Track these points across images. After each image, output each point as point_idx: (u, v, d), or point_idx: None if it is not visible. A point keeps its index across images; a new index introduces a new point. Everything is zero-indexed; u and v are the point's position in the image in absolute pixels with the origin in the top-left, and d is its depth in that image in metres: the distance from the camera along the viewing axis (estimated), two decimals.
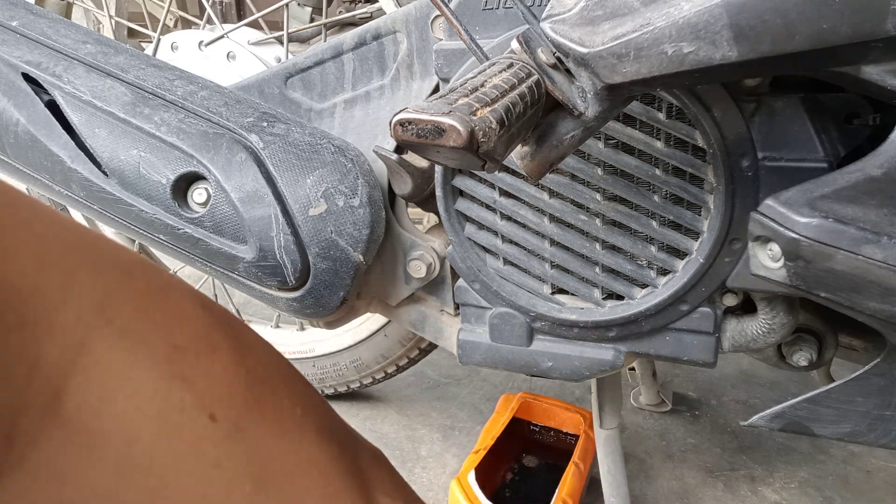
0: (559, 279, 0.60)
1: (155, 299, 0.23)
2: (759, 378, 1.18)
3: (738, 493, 0.91)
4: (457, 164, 0.37)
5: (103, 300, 0.21)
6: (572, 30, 0.39)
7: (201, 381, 0.22)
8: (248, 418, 0.23)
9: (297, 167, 0.61)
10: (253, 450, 0.23)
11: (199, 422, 0.22)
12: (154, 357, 0.22)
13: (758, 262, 0.45)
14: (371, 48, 0.66)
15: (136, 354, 0.21)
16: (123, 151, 0.62)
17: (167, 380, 0.21)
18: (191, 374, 0.22)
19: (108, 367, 0.21)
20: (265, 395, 0.24)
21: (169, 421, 0.21)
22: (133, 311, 0.22)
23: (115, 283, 0.22)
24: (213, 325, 0.24)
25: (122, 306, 0.22)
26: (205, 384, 0.22)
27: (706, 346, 0.57)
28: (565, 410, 0.94)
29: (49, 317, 0.20)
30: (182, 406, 0.22)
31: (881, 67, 0.35)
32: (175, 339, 0.22)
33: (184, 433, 0.22)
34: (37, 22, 0.68)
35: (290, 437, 0.24)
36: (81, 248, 0.22)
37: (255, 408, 0.24)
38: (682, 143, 0.51)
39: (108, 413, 0.20)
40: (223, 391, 0.23)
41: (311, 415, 0.26)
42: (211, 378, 0.23)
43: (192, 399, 0.22)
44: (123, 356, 0.21)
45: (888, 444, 0.49)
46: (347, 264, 0.61)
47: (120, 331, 0.21)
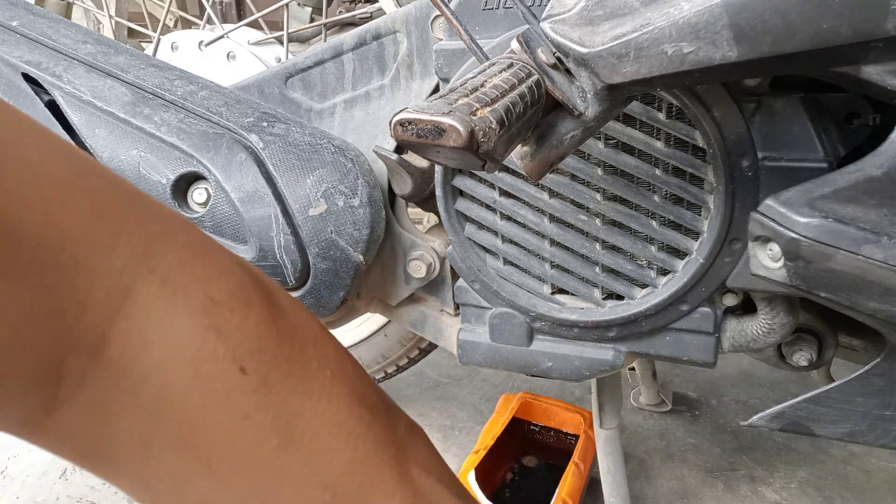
0: (559, 279, 0.60)
1: (195, 253, 0.24)
2: (759, 378, 1.18)
3: (738, 493, 0.92)
4: (457, 164, 0.37)
5: (148, 250, 0.22)
6: (572, 30, 0.39)
7: (234, 334, 0.23)
8: (277, 374, 0.24)
9: (297, 167, 0.61)
10: (280, 405, 0.24)
11: (230, 372, 0.23)
12: (191, 307, 0.22)
13: (758, 262, 0.45)
14: (371, 48, 0.66)
15: (175, 304, 0.22)
16: (123, 151, 0.62)
17: (202, 330, 0.22)
18: (225, 327, 0.23)
19: (149, 314, 0.22)
20: (294, 353, 0.25)
21: (202, 369, 0.22)
22: (174, 263, 0.23)
23: (159, 234, 0.23)
24: (248, 282, 0.25)
25: (164, 257, 0.22)
26: (237, 337, 0.23)
27: (706, 346, 0.57)
28: (565, 410, 0.94)
29: (99, 261, 0.21)
30: (215, 356, 0.22)
31: (881, 67, 0.35)
32: (212, 293, 0.23)
33: (215, 382, 0.22)
34: (37, 22, 0.68)
35: (317, 397, 0.25)
36: (129, 200, 0.23)
37: (284, 365, 0.24)
38: (682, 143, 0.51)
39: (147, 358, 0.21)
40: (254, 345, 0.23)
41: (342, 379, 0.26)
42: (243, 332, 0.23)
43: (224, 350, 0.23)
44: (164, 304, 0.22)
45: (888, 444, 0.49)
46: (347, 264, 0.61)
47: (162, 280, 0.22)
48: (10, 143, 0.20)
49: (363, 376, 0.28)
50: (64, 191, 0.21)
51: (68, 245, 0.20)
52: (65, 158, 0.21)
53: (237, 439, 0.23)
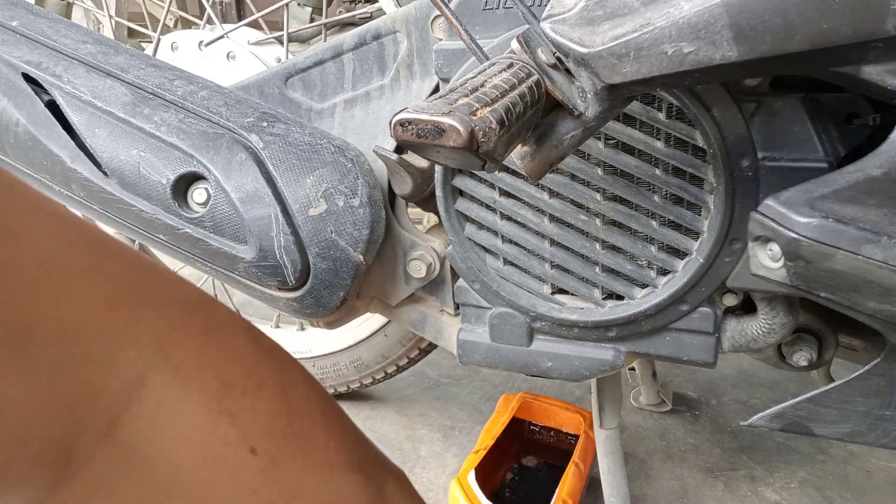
0: (559, 279, 0.60)
1: (211, 337, 0.25)
2: (759, 378, 1.18)
3: (738, 493, 0.92)
4: (457, 164, 0.37)
5: (163, 338, 0.23)
6: (572, 30, 0.39)
7: (246, 417, 0.24)
8: (286, 452, 0.25)
9: (297, 167, 0.61)
10: (287, 480, 0.25)
11: (240, 454, 0.24)
12: (205, 393, 0.23)
13: (758, 262, 0.45)
14: (371, 48, 0.66)
15: (188, 390, 0.23)
16: (123, 151, 0.62)
17: (215, 415, 0.23)
18: (237, 410, 0.24)
19: (163, 400, 0.22)
20: (303, 429, 0.26)
21: (213, 452, 0.23)
22: (190, 349, 0.24)
23: (175, 320, 0.24)
24: (261, 362, 0.26)
25: (180, 343, 0.23)
26: (249, 420, 0.24)
27: (706, 346, 0.57)
28: (565, 410, 0.94)
29: (113, 354, 0.21)
30: (226, 440, 0.23)
31: (881, 67, 0.35)
32: (225, 377, 0.24)
33: (225, 464, 0.23)
34: (37, 22, 0.68)
35: (321, 469, 0.26)
36: (146, 285, 0.24)
37: (293, 442, 0.25)
38: (682, 143, 0.51)
39: (159, 441, 0.22)
40: (265, 426, 0.25)
41: (343, 447, 0.28)
42: (255, 414, 0.25)
43: (235, 433, 0.24)
44: (177, 391, 0.23)
45: (888, 444, 0.49)
46: (347, 264, 0.61)
47: (176, 367, 0.23)
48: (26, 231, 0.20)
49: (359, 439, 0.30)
50: (79, 282, 0.21)
51: (83, 339, 0.21)
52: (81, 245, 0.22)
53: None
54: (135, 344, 0.22)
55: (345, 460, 0.27)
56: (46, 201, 0.22)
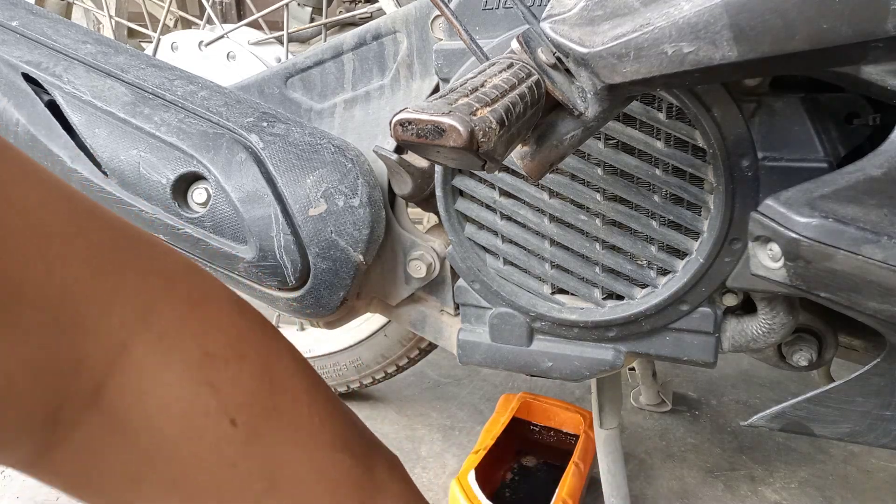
0: (559, 279, 0.60)
1: (194, 307, 0.25)
2: (759, 378, 1.18)
3: (738, 493, 0.92)
4: (457, 164, 0.37)
5: (146, 306, 0.23)
6: (572, 30, 0.39)
7: (227, 388, 0.24)
8: (267, 425, 0.25)
9: (297, 167, 0.61)
10: (268, 454, 0.25)
11: (220, 425, 0.24)
12: (186, 362, 0.23)
13: (758, 262, 0.45)
14: (371, 48, 0.66)
15: (170, 359, 0.23)
16: (123, 151, 0.62)
17: (195, 385, 0.23)
18: (218, 381, 0.24)
19: (145, 368, 0.23)
20: (286, 403, 0.26)
21: (193, 422, 0.23)
22: (172, 318, 0.24)
23: (158, 289, 0.24)
24: (245, 333, 0.26)
25: (162, 312, 0.23)
26: (229, 391, 0.24)
27: (706, 346, 0.57)
28: (565, 410, 0.94)
29: (97, 320, 0.21)
30: (206, 410, 0.23)
31: (881, 67, 0.35)
32: (208, 347, 0.24)
33: (205, 434, 0.23)
34: (37, 22, 0.68)
35: (304, 445, 0.26)
36: (131, 253, 0.23)
37: (274, 415, 0.25)
38: (682, 143, 0.51)
39: (141, 408, 0.22)
40: (246, 398, 0.25)
41: (328, 425, 0.27)
42: (236, 385, 0.24)
43: (216, 405, 0.24)
44: (159, 360, 0.23)
45: (888, 444, 0.49)
46: (347, 264, 0.61)
47: (158, 336, 0.23)
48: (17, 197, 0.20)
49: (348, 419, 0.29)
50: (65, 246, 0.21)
51: (67, 303, 0.21)
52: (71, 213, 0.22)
53: (224, 484, 0.24)
54: (118, 310, 0.22)
55: (330, 438, 0.27)
56: (37, 169, 0.22)
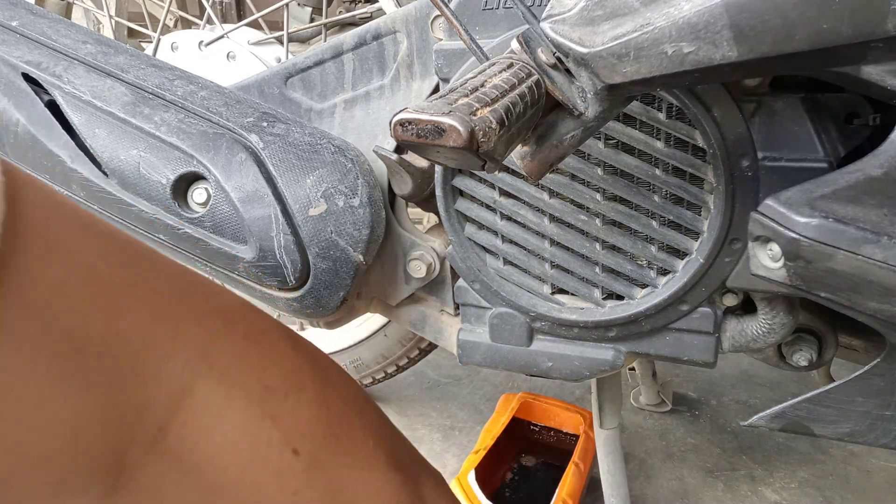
0: (559, 279, 0.60)
1: (252, 343, 0.26)
2: (759, 378, 1.18)
3: (738, 493, 0.92)
4: (457, 164, 0.37)
5: (207, 347, 0.24)
6: (572, 30, 0.39)
7: (288, 419, 0.25)
8: (326, 452, 0.26)
9: (297, 167, 0.61)
10: (328, 480, 0.26)
11: (283, 456, 0.25)
12: (248, 398, 0.24)
13: (758, 262, 0.45)
14: (371, 48, 0.66)
15: (232, 396, 0.24)
16: (123, 151, 0.62)
17: (258, 419, 0.24)
18: (279, 413, 0.25)
19: (208, 407, 0.23)
20: (343, 429, 0.27)
21: (257, 454, 0.24)
22: (232, 356, 0.24)
23: (217, 329, 0.25)
24: (301, 365, 0.27)
25: (223, 351, 0.24)
26: (290, 422, 0.25)
27: (706, 346, 0.57)
28: (565, 410, 0.94)
29: (158, 366, 0.22)
30: (269, 442, 0.24)
31: (881, 67, 0.35)
32: (267, 381, 0.25)
33: (269, 465, 0.24)
34: (37, 22, 0.68)
35: (361, 467, 0.27)
36: (189, 297, 0.25)
37: (333, 442, 0.26)
38: (682, 143, 0.51)
39: (205, 446, 0.23)
40: (306, 428, 0.26)
41: (381, 446, 0.28)
42: (296, 416, 0.25)
43: (278, 436, 0.25)
44: (221, 397, 0.24)
45: (888, 444, 0.49)
46: (347, 264, 0.61)
47: (220, 375, 0.24)
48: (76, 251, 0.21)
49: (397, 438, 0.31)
50: (126, 297, 0.22)
51: (129, 352, 0.21)
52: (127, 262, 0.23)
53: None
54: (180, 354, 0.23)
55: (384, 459, 0.28)
56: (95, 221, 0.23)
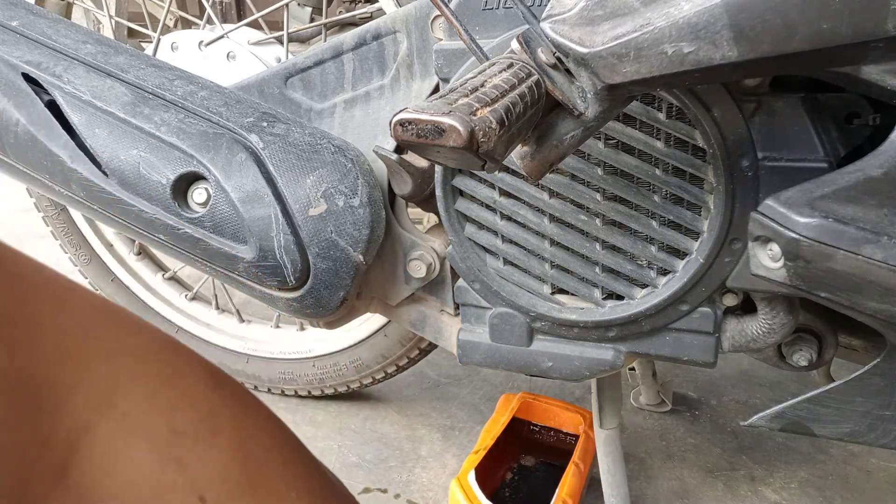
0: (559, 279, 0.60)
1: (163, 384, 0.25)
2: (759, 378, 1.18)
3: (738, 493, 0.91)
4: (457, 164, 0.37)
5: (111, 387, 0.23)
6: (572, 30, 0.39)
7: (196, 465, 0.24)
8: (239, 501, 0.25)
9: (297, 167, 0.61)
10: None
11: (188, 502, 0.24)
12: (152, 440, 0.24)
13: (758, 262, 0.45)
14: (371, 48, 0.66)
15: (135, 437, 0.23)
16: (123, 151, 0.62)
17: (162, 462, 0.24)
18: (186, 458, 0.24)
19: (109, 446, 0.23)
20: (260, 479, 0.26)
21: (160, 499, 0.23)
22: (139, 397, 0.24)
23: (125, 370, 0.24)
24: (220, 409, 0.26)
25: (129, 391, 0.24)
26: (199, 468, 0.24)
27: (706, 346, 0.57)
28: (565, 410, 0.94)
29: (60, 402, 0.22)
30: (174, 487, 0.24)
31: (881, 67, 0.35)
32: (176, 424, 0.24)
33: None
34: (37, 22, 0.68)
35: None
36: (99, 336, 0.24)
37: (248, 492, 0.25)
38: (682, 143, 0.51)
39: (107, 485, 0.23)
40: (217, 475, 0.25)
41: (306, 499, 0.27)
42: (206, 462, 0.25)
43: (183, 482, 0.24)
44: (124, 438, 0.23)
45: (888, 444, 0.49)
46: (347, 264, 0.61)
47: (122, 415, 0.23)
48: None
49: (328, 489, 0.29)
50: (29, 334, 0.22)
51: (31, 388, 0.21)
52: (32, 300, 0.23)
53: None
54: (82, 391, 0.23)
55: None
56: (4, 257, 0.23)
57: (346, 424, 1.08)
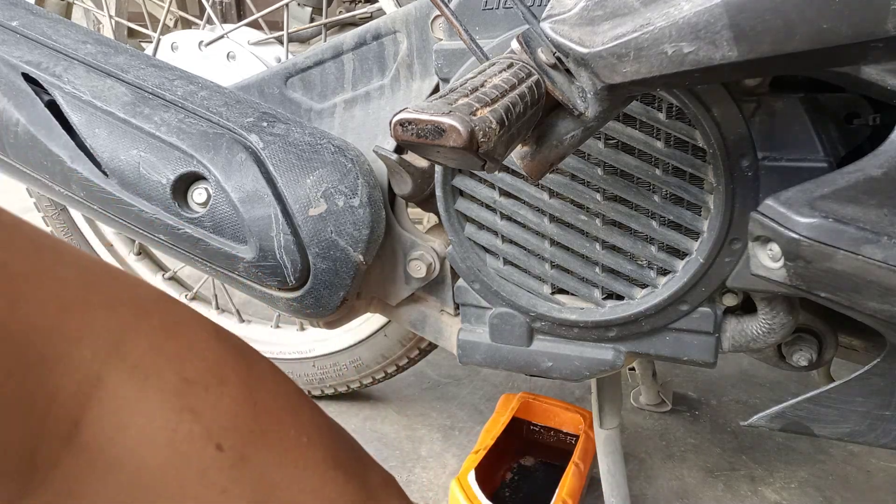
0: (559, 279, 0.60)
1: (169, 335, 0.24)
2: (759, 378, 1.18)
3: (738, 493, 0.91)
4: (457, 164, 0.37)
5: (118, 337, 0.23)
6: (572, 30, 0.39)
7: (209, 413, 0.24)
8: (254, 448, 0.25)
9: (297, 167, 0.61)
10: (258, 478, 0.24)
11: (206, 451, 0.23)
12: (165, 390, 0.23)
13: (758, 262, 0.45)
14: (371, 48, 0.66)
15: (147, 388, 0.23)
16: (123, 151, 0.62)
17: (176, 412, 0.23)
18: (199, 406, 0.24)
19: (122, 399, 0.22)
20: (271, 425, 0.26)
21: (177, 450, 0.23)
22: (146, 347, 0.23)
23: (130, 320, 0.23)
24: (225, 358, 0.26)
25: (136, 342, 0.23)
26: (212, 416, 0.24)
27: (706, 346, 0.57)
28: (565, 410, 0.94)
29: (67, 353, 0.21)
30: (190, 436, 0.23)
31: (881, 67, 0.35)
32: (186, 373, 0.24)
33: (191, 461, 0.23)
34: (37, 22, 0.68)
35: (294, 466, 0.26)
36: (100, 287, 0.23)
37: (261, 438, 0.25)
38: (682, 143, 0.51)
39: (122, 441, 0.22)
40: (230, 422, 0.24)
41: (318, 444, 0.27)
42: (218, 410, 0.24)
43: (199, 430, 0.23)
44: (136, 389, 0.23)
45: (888, 444, 0.49)
46: (347, 264, 0.61)
47: (133, 366, 0.23)
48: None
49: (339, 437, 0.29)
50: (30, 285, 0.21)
51: (35, 339, 0.20)
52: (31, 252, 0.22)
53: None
54: (89, 344, 0.22)
55: (321, 457, 0.27)
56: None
57: (346, 424, 1.07)
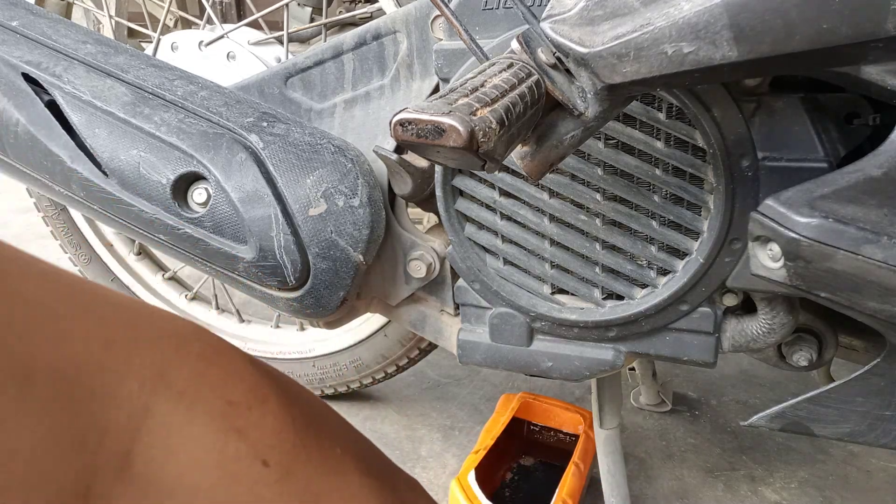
0: (559, 279, 0.60)
1: (209, 362, 0.26)
2: (759, 378, 1.18)
3: (738, 493, 0.91)
4: (457, 164, 0.37)
5: (162, 368, 0.24)
6: (572, 30, 0.39)
7: (254, 432, 0.25)
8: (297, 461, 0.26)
9: (297, 167, 0.61)
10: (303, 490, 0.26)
11: (253, 468, 0.24)
12: (210, 413, 0.24)
13: (758, 262, 0.45)
14: (371, 48, 0.66)
15: (193, 413, 0.24)
16: (123, 151, 0.62)
17: (223, 433, 0.24)
18: (244, 426, 0.25)
19: (170, 426, 0.23)
20: (310, 438, 0.27)
21: (227, 469, 0.24)
22: (189, 375, 0.24)
23: (171, 351, 0.25)
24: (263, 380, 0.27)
25: (179, 371, 0.24)
26: (257, 434, 0.25)
27: (706, 346, 0.57)
28: (565, 410, 0.94)
29: (115, 387, 0.22)
30: (237, 455, 0.24)
31: (881, 67, 0.35)
32: (229, 396, 0.25)
33: (240, 479, 0.24)
34: (37, 22, 0.68)
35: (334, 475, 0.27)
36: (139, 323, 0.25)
37: (303, 451, 0.26)
38: (682, 143, 0.51)
39: (173, 466, 0.23)
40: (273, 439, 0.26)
41: (351, 453, 0.29)
42: (262, 428, 0.25)
43: (246, 448, 0.24)
44: (183, 416, 0.24)
45: (888, 444, 0.49)
46: (347, 264, 0.61)
47: (179, 393, 0.24)
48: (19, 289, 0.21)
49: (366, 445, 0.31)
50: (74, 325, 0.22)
51: (83, 376, 0.21)
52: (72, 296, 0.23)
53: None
54: (135, 376, 0.23)
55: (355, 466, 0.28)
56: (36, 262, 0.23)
57: None
